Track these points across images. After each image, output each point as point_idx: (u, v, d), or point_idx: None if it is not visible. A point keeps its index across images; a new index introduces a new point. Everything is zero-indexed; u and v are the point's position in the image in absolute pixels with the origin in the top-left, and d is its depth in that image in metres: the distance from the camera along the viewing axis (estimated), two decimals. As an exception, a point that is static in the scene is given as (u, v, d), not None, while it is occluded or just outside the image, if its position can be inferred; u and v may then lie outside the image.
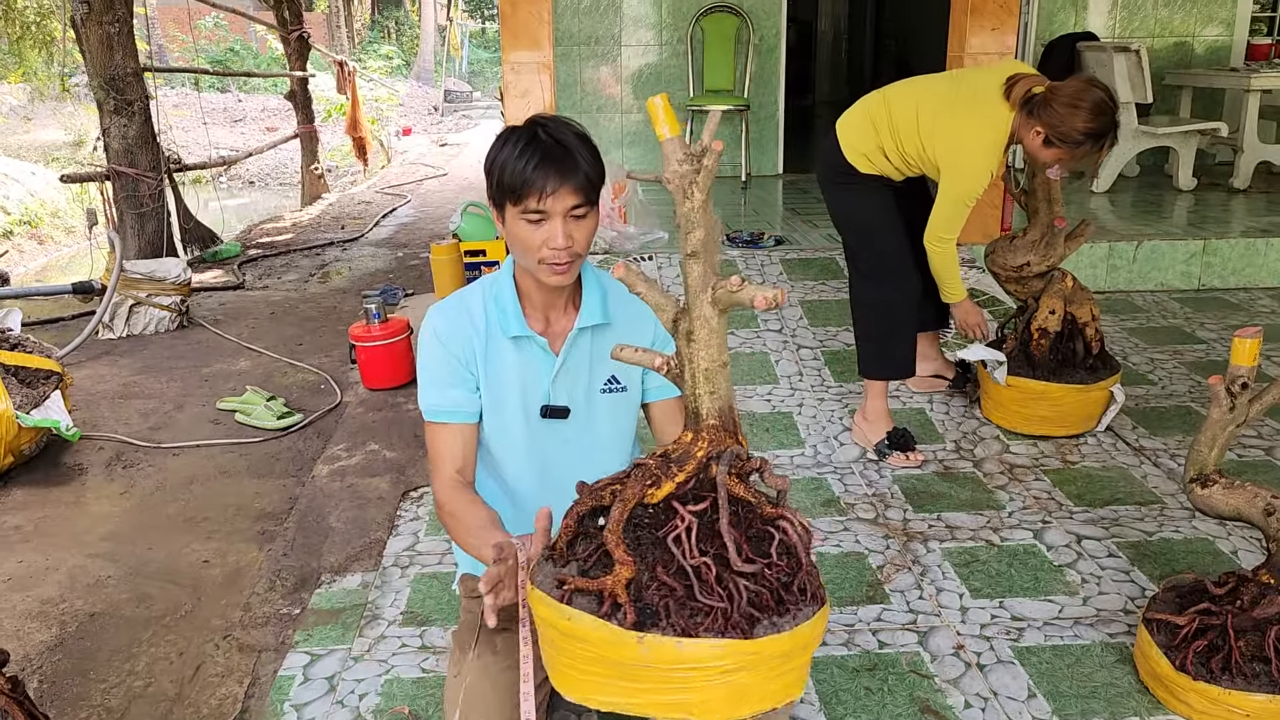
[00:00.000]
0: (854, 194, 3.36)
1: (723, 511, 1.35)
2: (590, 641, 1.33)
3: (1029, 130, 3.00)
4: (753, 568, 1.33)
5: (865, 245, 3.41)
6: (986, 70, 3.21)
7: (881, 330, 3.41)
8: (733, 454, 1.41)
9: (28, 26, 10.55)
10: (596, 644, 1.32)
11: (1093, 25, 7.03)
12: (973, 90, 3.09)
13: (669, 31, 7.01)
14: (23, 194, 10.98)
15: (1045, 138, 2.97)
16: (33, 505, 3.58)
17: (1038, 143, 3.00)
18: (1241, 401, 2.12)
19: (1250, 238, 5.13)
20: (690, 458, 1.40)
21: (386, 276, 6.90)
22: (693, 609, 1.30)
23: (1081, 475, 3.27)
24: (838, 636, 2.46)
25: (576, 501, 1.46)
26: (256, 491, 3.67)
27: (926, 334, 3.82)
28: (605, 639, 1.31)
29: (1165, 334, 4.52)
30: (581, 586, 1.35)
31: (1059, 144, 2.96)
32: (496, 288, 1.83)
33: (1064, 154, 2.99)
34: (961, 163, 3.07)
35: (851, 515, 3.05)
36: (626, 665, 1.31)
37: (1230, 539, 2.86)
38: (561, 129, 1.69)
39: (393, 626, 2.60)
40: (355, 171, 13.30)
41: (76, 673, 2.62)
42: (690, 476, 1.40)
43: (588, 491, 1.46)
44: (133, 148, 6.60)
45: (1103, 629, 2.46)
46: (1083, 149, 2.95)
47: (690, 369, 1.41)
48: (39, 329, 5.71)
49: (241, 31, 23.62)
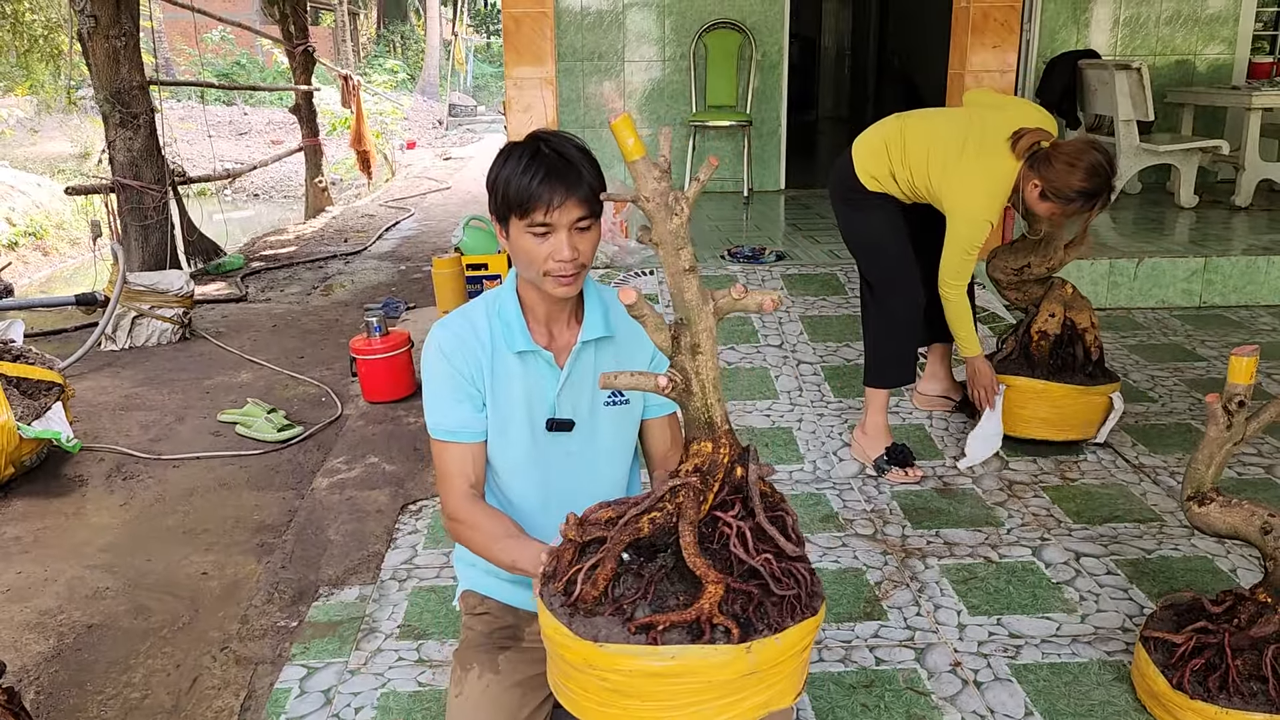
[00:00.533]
0: (862, 211, 3.39)
1: (758, 508, 1.44)
2: (698, 672, 1.33)
3: (1028, 182, 3.10)
4: (801, 550, 1.43)
5: (873, 260, 3.44)
6: (999, 114, 3.23)
7: (888, 343, 3.44)
8: (754, 453, 1.49)
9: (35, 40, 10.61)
10: (705, 671, 1.33)
11: (1095, 43, 7.05)
12: (981, 139, 3.15)
13: (672, 47, 7.04)
14: (28, 205, 11.03)
15: (1042, 191, 3.08)
16: (32, 516, 3.59)
17: (1035, 195, 3.11)
18: (1239, 420, 2.12)
19: (1252, 255, 5.13)
20: (719, 466, 1.46)
21: (389, 290, 6.92)
22: (773, 603, 1.39)
23: (1081, 492, 3.26)
24: (835, 653, 2.46)
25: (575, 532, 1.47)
26: (256, 504, 3.67)
27: (938, 348, 3.84)
28: (716, 663, 1.33)
29: (1166, 351, 4.52)
30: (677, 620, 1.36)
31: (1053, 199, 3.07)
32: (500, 303, 1.83)
33: (1057, 209, 3.11)
34: (965, 209, 3.15)
35: (850, 531, 3.05)
36: (730, 682, 1.35)
37: (1229, 557, 2.85)
38: (563, 143, 1.71)
39: (390, 640, 2.60)
40: (359, 185, 13.35)
41: (73, 684, 2.61)
42: (722, 484, 1.46)
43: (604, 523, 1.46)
44: (138, 160, 6.64)
45: (1100, 647, 2.46)
46: (1074, 206, 3.06)
47: (699, 381, 1.44)
48: (42, 340, 5.73)
49: (248, 45, 23.74)
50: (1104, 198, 3.04)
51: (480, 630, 1.93)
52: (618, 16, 6.96)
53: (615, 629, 1.37)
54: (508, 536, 1.70)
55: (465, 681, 1.83)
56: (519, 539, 1.68)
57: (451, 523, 1.80)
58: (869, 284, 3.49)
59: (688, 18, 6.98)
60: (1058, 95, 6.81)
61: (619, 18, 6.96)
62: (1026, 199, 3.14)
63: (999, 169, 3.11)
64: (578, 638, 1.37)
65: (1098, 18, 7.07)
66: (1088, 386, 3.43)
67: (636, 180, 1.36)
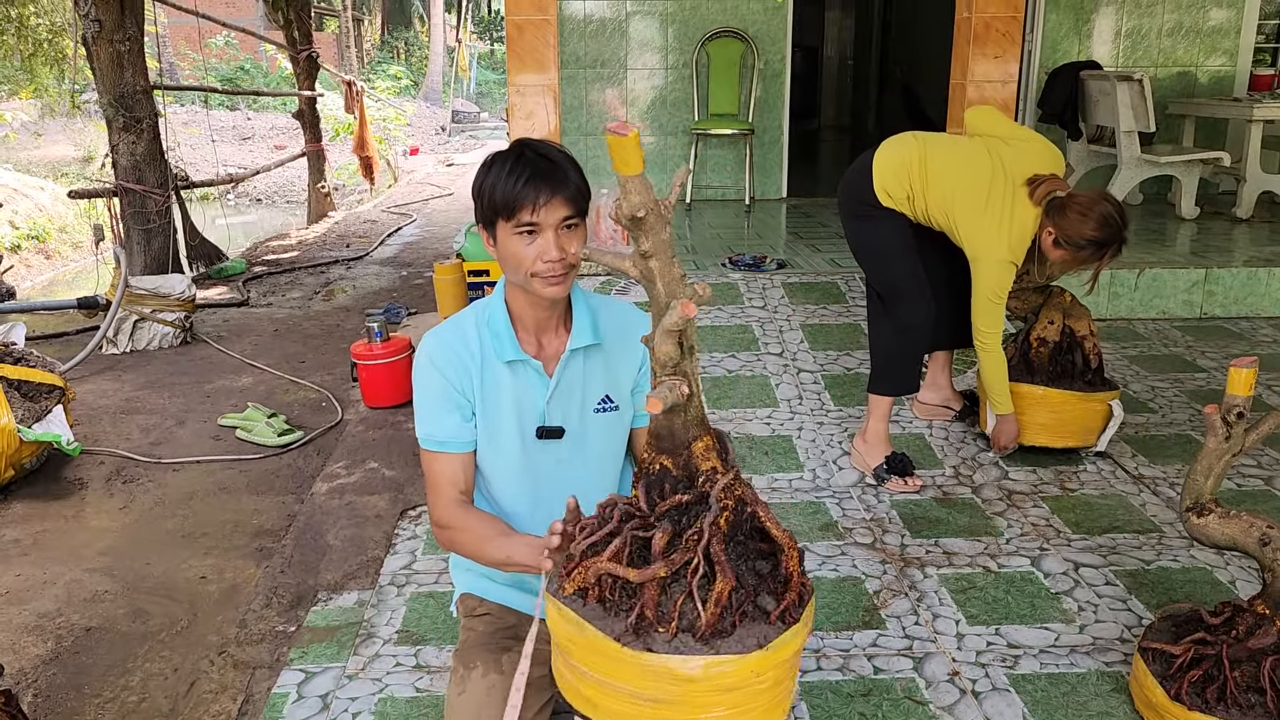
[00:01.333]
0: (871, 224, 3.40)
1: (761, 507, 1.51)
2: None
3: (1044, 229, 3.20)
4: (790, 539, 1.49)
5: (881, 270, 3.45)
6: (1014, 153, 3.26)
7: (894, 351, 3.44)
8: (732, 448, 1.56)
9: (40, 44, 10.65)
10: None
11: (1097, 54, 7.07)
12: (1005, 187, 3.21)
13: (674, 56, 7.06)
14: (31, 209, 11.06)
15: (1055, 239, 3.17)
16: (32, 519, 3.59)
17: (1049, 241, 3.20)
18: (1237, 431, 2.12)
19: (1253, 267, 5.14)
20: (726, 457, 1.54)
21: (390, 295, 6.92)
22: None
23: (1080, 502, 3.26)
24: (833, 661, 2.46)
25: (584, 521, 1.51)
26: (255, 508, 3.67)
27: (939, 356, 3.84)
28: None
29: (1166, 362, 4.52)
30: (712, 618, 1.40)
31: (1066, 246, 3.16)
32: (489, 312, 1.84)
33: (1069, 255, 3.19)
34: (991, 254, 3.21)
35: (849, 540, 3.05)
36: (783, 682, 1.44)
37: (1228, 569, 2.85)
38: (547, 148, 1.75)
39: (388, 645, 2.60)
40: (362, 190, 13.38)
41: (71, 687, 2.62)
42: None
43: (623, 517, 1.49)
44: (141, 164, 6.66)
45: (1099, 657, 2.46)
46: (1085, 253, 3.15)
47: (696, 380, 1.48)
48: (43, 343, 5.74)
49: (251, 50, 23.81)
50: (1115, 247, 3.13)
51: (482, 631, 1.94)
52: (620, 24, 6.99)
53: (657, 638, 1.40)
54: (499, 535, 1.72)
55: (469, 680, 1.83)
56: (511, 535, 1.71)
57: (441, 530, 1.82)
58: (877, 293, 3.49)
59: (690, 26, 7.00)
60: (1059, 106, 6.82)
61: (622, 26, 6.99)
62: (1041, 245, 3.22)
63: (1021, 217, 3.18)
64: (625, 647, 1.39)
65: (1100, 29, 7.09)
66: (1087, 393, 3.43)
67: (629, 193, 1.37)
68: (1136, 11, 7.05)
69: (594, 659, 1.42)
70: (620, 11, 6.97)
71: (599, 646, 1.40)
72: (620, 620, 1.40)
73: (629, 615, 1.39)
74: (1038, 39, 7.03)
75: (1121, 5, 7.03)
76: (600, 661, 1.41)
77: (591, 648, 1.41)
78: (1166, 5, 7.05)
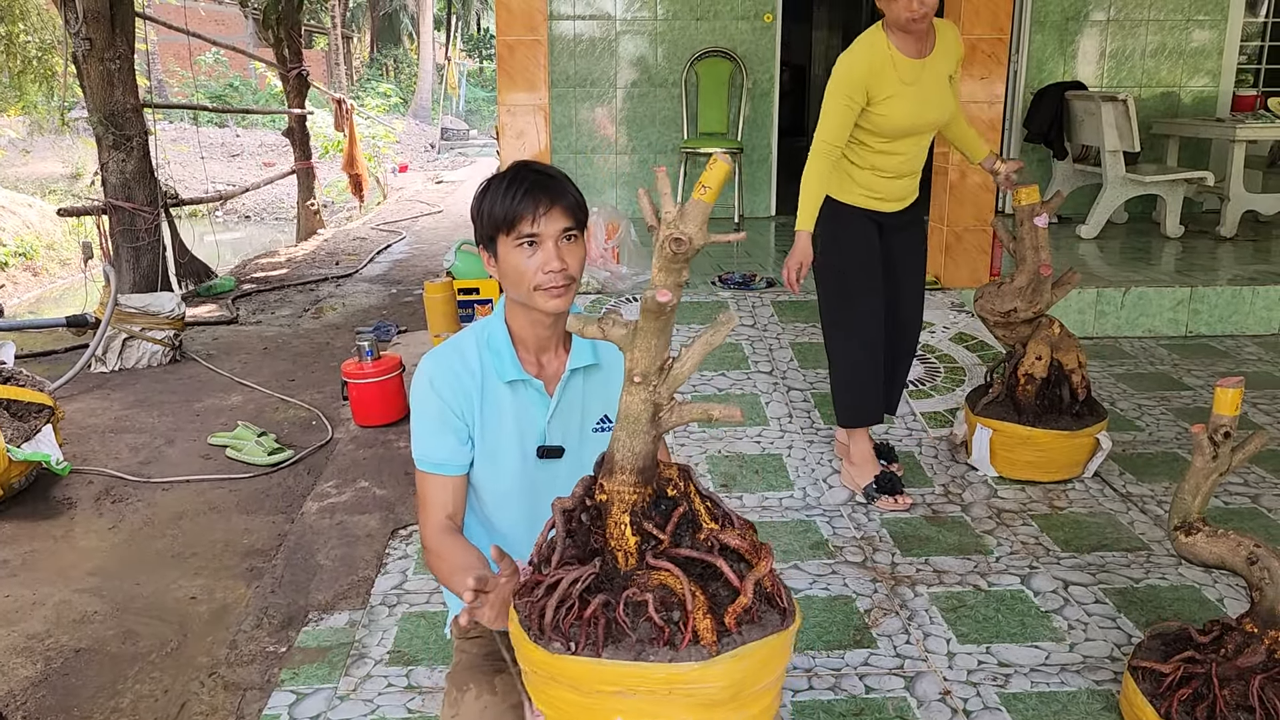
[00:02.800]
0: (836, 231, 3.36)
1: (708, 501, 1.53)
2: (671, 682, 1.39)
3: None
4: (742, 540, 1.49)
5: (838, 291, 3.44)
6: None
7: (853, 380, 3.45)
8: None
9: (30, 61, 10.65)
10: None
11: (1082, 75, 7.14)
12: None
13: (664, 75, 7.10)
14: (19, 226, 11.02)
15: None
16: (21, 539, 3.57)
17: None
18: (1224, 450, 2.14)
19: (1237, 285, 5.18)
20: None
21: (380, 313, 6.92)
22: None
23: (1069, 521, 3.28)
24: (824, 680, 2.46)
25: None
26: (245, 528, 3.66)
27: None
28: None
29: (1152, 380, 4.55)
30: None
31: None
32: (489, 332, 1.86)
33: None
34: (830, 84, 3.21)
35: (840, 558, 3.06)
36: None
37: (1216, 586, 2.87)
38: (543, 166, 1.80)
39: (379, 666, 2.59)
40: (351, 207, 13.38)
41: (60, 709, 2.60)
42: None
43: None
44: (130, 182, 6.66)
45: (1089, 676, 2.47)
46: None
47: None
48: (32, 361, 5.72)
49: (241, 68, 23.82)
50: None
51: (475, 653, 1.94)
52: (610, 44, 7.03)
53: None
54: (465, 567, 1.68)
55: (461, 702, 1.83)
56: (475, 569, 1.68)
57: (425, 551, 1.84)
58: (830, 320, 3.50)
59: (679, 46, 7.04)
60: (1045, 126, 6.89)
61: (611, 45, 7.03)
62: (886, 13, 3.11)
63: (865, 38, 3.19)
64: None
65: (1084, 50, 7.16)
66: (1074, 431, 3.44)
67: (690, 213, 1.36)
68: (1121, 33, 7.13)
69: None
70: (610, 31, 7.02)
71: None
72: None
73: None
74: (1023, 59, 7.11)
75: (1106, 26, 7.11)
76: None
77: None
78: (1150, 26, 7.14)
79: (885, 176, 3.31)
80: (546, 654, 1.39)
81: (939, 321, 4.81)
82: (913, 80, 3.17)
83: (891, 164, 3.29)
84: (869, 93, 3.15)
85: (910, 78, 3.16)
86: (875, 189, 3.33)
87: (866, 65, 3.14)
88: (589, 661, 1.37)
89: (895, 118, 3.18)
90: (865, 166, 3.30)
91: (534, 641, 1.41)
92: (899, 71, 3.15)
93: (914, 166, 3.35)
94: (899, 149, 3.27)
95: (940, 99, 3.24)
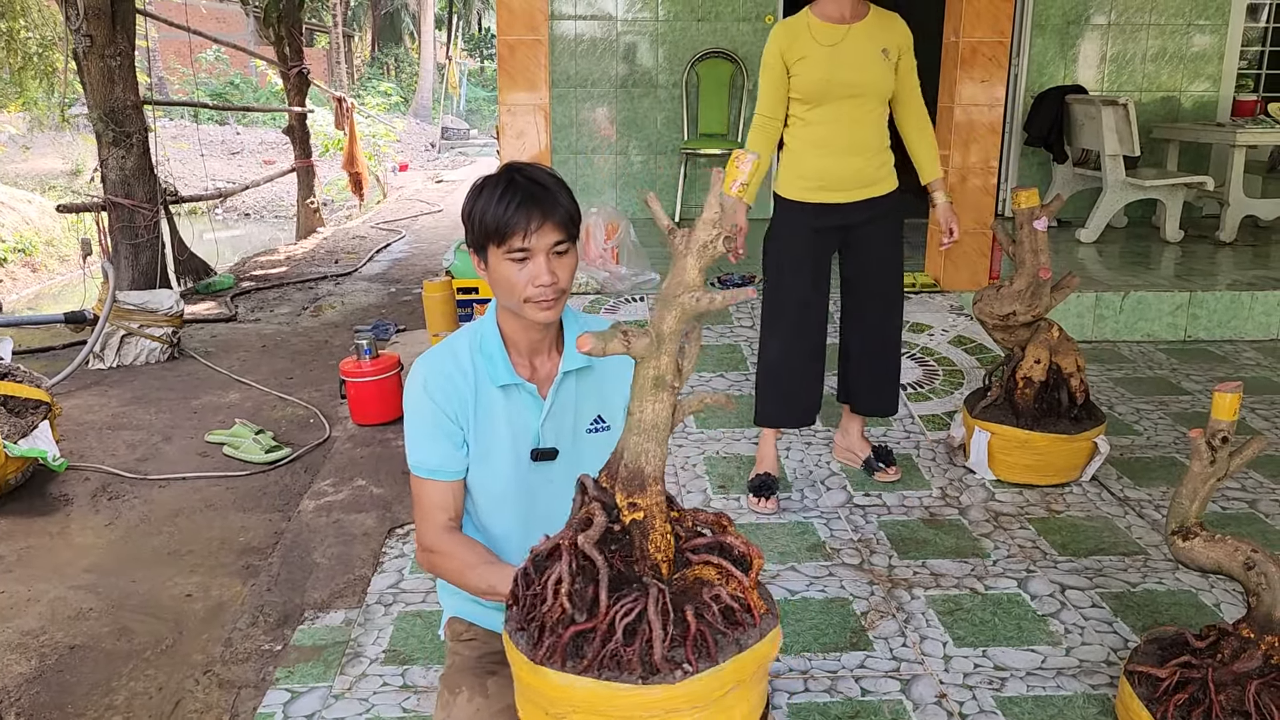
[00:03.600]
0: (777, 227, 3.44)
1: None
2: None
3: None
4: None
5: (772, 286, 3.44)
6: None
7: (764, 381, 3.47)
8: None
9: (30, 57, 10.64)
10: None
11: (1082, 79, 7.14)
12: None
13: (665, 76, 7.10)
14: (18, 222, 11.01)
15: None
16: (17, 535, 3.57)
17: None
18: (1222, 455, 2.14)
19: (1236, 290, 5.19)
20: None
21: (379, 312, 6.92)
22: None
23: (1066, 525, 3.28)
24: (820, 683, 2.46)
25: None
26: (242, 525, 3.66)
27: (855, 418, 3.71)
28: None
29: (1151, 385, 4.55)
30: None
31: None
32: (481, 336, 1.85)
33: None
34: None
35: (837, 560, 3.05)
36: None
37: (1213, 591, 2.87)
38: (537, 172, 1.76)
39: (375, 665, 2.59)
40: (351, 206, 13.37)
41: (55, 706, 2.60)
42: None
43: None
44: (130, 179, 6.65)
45: (1085, 680, 2.47)
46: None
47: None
48: (29, 358, 5.71)
49: (242, 66, 23.82)
50: None
51: (468, 655, 1.93)
52: (611, 45, 7.03)
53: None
54: (483, 563, 1.71)
55: (454, 705, 1.82)
56: (495, 564, 1.70)
57: (427, 554, 1.81)
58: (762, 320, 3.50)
59: (680, 47, 7.04)
60: (1045, 129, 6.90)
61: (612, 46, 7.03)
62: None
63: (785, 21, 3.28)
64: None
65: (1085, 54, 7.17)
66: (1072, 435, 3.44)
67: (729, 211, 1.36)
68: (1121, 37, 7.13)
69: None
70: (611, 32, 7.02)
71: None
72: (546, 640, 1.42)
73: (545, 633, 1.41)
74: (1024, 63, 7.11)
75: (1107, 30, 7.12)
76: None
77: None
78: (1151, 31, 7.14)
79: (826, 154, 3.26)
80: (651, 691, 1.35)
81: (938, 324, 4.81)
82: (830, 42, 3.17)
83: (822, 135, 3.24)
84: (784, 57, 3.20)
85: (826, 39, 3.18)
86: (821, 174, 3.28)
87: (784, 31, 3.22)
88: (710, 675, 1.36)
89: (810, 76, 3.18)
90: (803, 143, 3.29)
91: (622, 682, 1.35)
92: (814, 34, 3.19)
93: (857, 141, 3.25)
94: (826, 116, 3.22)
95: (860, 63, 3.18)
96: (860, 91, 3.20)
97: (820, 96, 3.20)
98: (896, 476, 3.56)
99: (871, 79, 3.20)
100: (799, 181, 3.33)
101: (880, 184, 3.32)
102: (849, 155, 3.26)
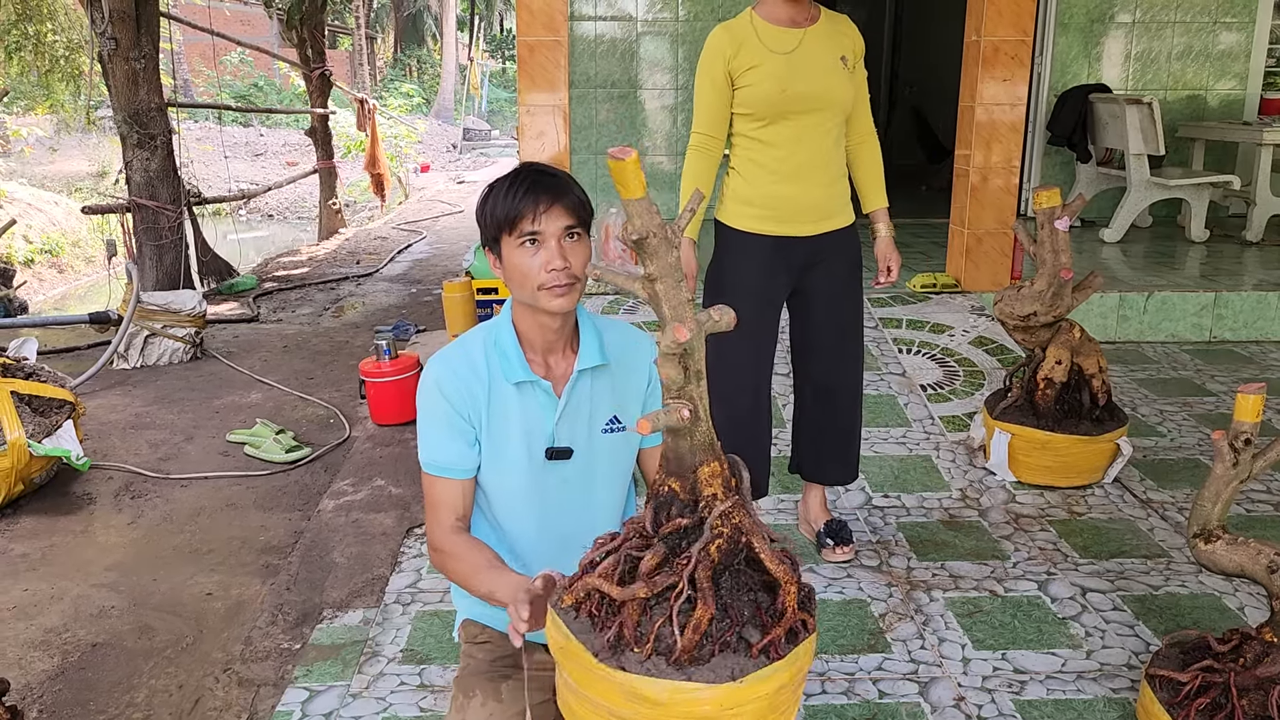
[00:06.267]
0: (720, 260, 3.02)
1: (759, 538, 1.47)
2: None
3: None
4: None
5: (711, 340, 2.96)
6: None
7: None
8: (741, 463, 1.55)
9: (56, 60, 10.78)
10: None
11: (1106, 77, 7.08)
12: None
13: (684, 76, 7.09)
14: (45, 223, 11.14)
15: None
16: (41, 534, 3.60)
17: None
18: (1245, 457, 2.11)
19: (1262, 291, 5.13)
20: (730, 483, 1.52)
21: (399, 312, 6.95)
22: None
23: (1088, 527, 3.25)
24: (838, 685, 2.45)
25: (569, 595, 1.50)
26: (262, 525, 3.68)
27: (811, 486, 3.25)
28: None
29: (1175, 386, 4.50)
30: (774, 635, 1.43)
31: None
32: (496, 333, 1.85)
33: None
34: None
35: (855, 562, 3.04)
36: None
37: (1237, 595, 2.83)
38: (546, 166, 1.79)
39: (392, 664, 2.60)
40: (373, 207, 13.45)
41: (76, 703, 2.62)
42: None
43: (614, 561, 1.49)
44: (154, 181, 6.71)
45: (1106, 684, 2.44)
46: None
47: (703, 405, 1.47)
48: (54, 358, 5.77)
49: (265, 68, 24.00)
50: None
51: (482, 658, 1.93)
52: (631, 45, 7.03)
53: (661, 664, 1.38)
54: (488, 568, 1.71)
55: (468, 708, 1.83)
56: (498, 570, 1.70)
57: (435, 553, 1.82)
58: None
59: (700, 46, 6.99)
60: (1069, 129, 6.84)
61: (632, 46, 7.03)
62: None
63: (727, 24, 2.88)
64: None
65: (1109, 52, 7.10)
66: (1093, 436, 3.41)
67: (632, 216, 1.38)
68: (1146, 35, 7.06)
69: (576, 671, 1.43)
70: (630, 32, 7.01)
71: (580, 659, 1.41)
72: (603, 636, 1.40)
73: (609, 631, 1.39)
74: (1047, 62, 7.05)
75: (1131, 28, 7.05)
76: (581, 674, 1.42)
77: (574, 659, 1.42)
78: (1176, 29, 7.06)
79: (779, 179, 2.84)
80: None
81: (959, 325, 4.78)
82: (783, 49, 2.77)
83: (775, 158, 2.83)
84: (730, 65, 2.79)
85: (779, 46, 2.77)
86: (772, 201, 2.86)
87: (726, 35, 2.81)
88: None
89: (762, 88, 2.76)
90: (752, 166, 2.87)
91: None
92: (763, 39, 2.78)
93: (816, 163, 2.84)
94: (781, 135, 2.81)
95: (818, 73, 2.77)
96: (820, 105, 2.80)
97: (775, 112, 2.79)
98: (847, 558, 3.04)
99: (832, 90, 2.79)
100: (747, 210, 2.90)
101: (838, 215, 2.92)
102: (806, 180, 2.85)
